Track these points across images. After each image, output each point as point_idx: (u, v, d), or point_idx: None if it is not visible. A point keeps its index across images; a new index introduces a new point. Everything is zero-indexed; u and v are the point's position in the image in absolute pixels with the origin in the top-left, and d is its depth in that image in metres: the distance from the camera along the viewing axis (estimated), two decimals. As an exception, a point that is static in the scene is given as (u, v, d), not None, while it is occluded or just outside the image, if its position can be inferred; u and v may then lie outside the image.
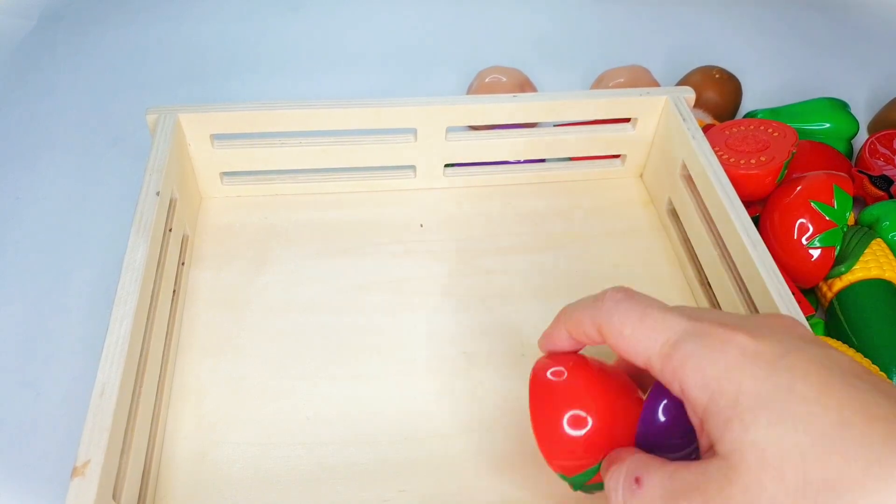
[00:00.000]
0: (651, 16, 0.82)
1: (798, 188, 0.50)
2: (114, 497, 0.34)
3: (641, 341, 0.30)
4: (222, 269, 0.51)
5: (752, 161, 0.51)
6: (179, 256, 0.49)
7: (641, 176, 0.59)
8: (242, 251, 0.52)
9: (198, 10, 0.80)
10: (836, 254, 0.48)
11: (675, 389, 0.29)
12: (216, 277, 0.50)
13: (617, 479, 0.29)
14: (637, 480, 0.28)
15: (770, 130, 0.54)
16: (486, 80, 0.65)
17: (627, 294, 0.32)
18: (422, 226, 0.54)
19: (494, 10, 0.82)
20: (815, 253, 0.48)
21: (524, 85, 0.65)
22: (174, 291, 0.47)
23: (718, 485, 0.26)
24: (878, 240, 0.51)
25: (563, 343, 0.35)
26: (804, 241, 0.48)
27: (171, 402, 0.43)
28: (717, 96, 0.64)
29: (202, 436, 0.42)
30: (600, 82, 0.66)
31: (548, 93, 0.54)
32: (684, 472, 0.27)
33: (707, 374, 0.27)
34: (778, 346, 0.27)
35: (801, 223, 0.49)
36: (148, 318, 0.41)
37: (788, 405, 0.25)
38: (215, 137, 0.52)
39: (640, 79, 0.64)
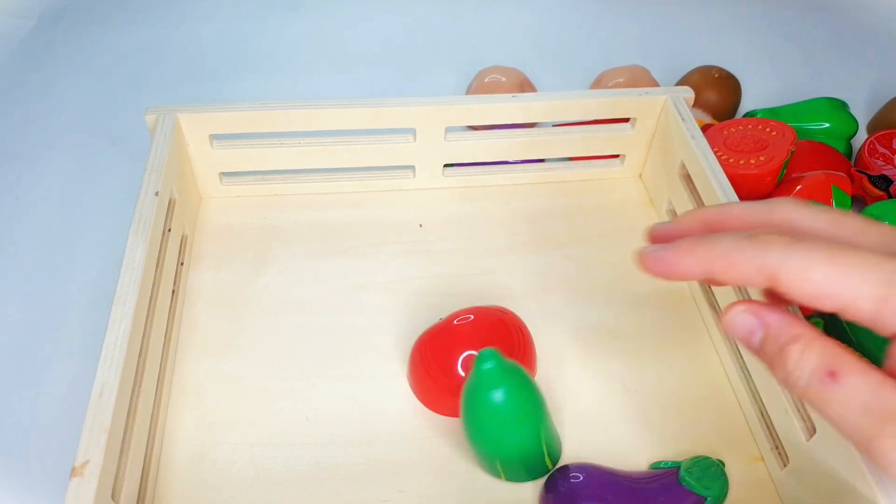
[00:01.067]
0: (650, 16, 0.82)
1: (797, 189, 0.50)
2: (113, 497, 0.34)
3: (839, 283, 0.26)
4: (221, 269, 0.51)
5: (752, 161, 0.51)
6: (179, 256, 0.49)
7: (641, 176, 0.59)
8: (242, 251, 0.52)
9: (198, 10, 0.80)
10: None
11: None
12: (215, 278, 0.50)
13: (803, 363, 0.27)
14: (832, 374, 0.26)
15: (768, 130, 0.54)
16: (486, 80, 0.65)
17: (794, 238, 0.28)
18: (421, 226, 0.54)
19: (494, 10, 0.82)
20: None
21: (523, 85, 0.65)
22: (173, 292, 0.47)
23: None
24: None
25: (689, 272, 0.30)
26: None
27: (171, 403, 0.43)
28: (717, 96, 0.64)
29: (201, 436, 0.42)
30: (599, 82, 0.66)
31: (547, 93, 0.54)
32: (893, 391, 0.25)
33: None
34: None
35: None
36: (147, 319, 0.41)
37: None
38: (215, 137, 0.52)
39: (640, 79, 0.64)
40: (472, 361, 0.38)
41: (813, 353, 0.27)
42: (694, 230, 0.33)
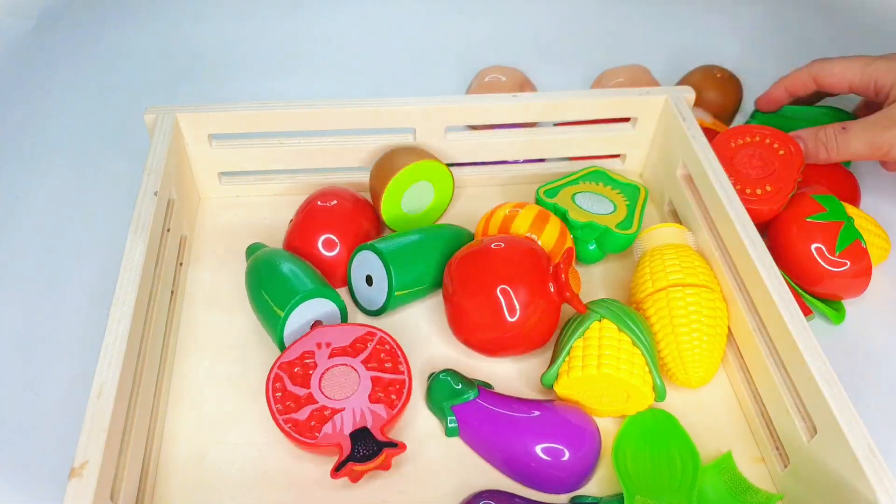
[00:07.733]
0: (651, 15, 0.82)
1: (793, 228, 0.49)
2: (112, 498, 0.34)
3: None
4: (220, 269, 0.51)
5: (759, 191, 0.50)
6: (178, 256, 0.49)
7: (641, 175, 0.59)
8: (241, 251, 0.52)
9: (197, 10, 0.80)
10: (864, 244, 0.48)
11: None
12: (214, 278, 0.50)
13: (825, 132, 0.47)
14: (843, 127, 0.47)
15: (776, 146, 0.52)
16: (486, 79, 0.65)
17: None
18: (421, 226, 0.54)
19: (494, 10, 0.82)
20: (847, 260, 0.47)
21: (524, 84, 0.65)
22: (172, 292, 0.47)
23: None
24: None
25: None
26: (832, 258, 0.48)
27: (170, 403, 0.43)
28: (719, 96, 0.63)
29: (200, 436, 0.42)
30: (600, 82, 0.66)
31: (547, 92, 0.54)
32: (878, 115, 0.48)
33: None
34: None
35: (816, 247, 0.48)
36: (146, 319, 0.41)
37: None
38: (214, 137, 0.52)
39: (640, 78, 0.63)
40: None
41: (828, 126, 0.51)
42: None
